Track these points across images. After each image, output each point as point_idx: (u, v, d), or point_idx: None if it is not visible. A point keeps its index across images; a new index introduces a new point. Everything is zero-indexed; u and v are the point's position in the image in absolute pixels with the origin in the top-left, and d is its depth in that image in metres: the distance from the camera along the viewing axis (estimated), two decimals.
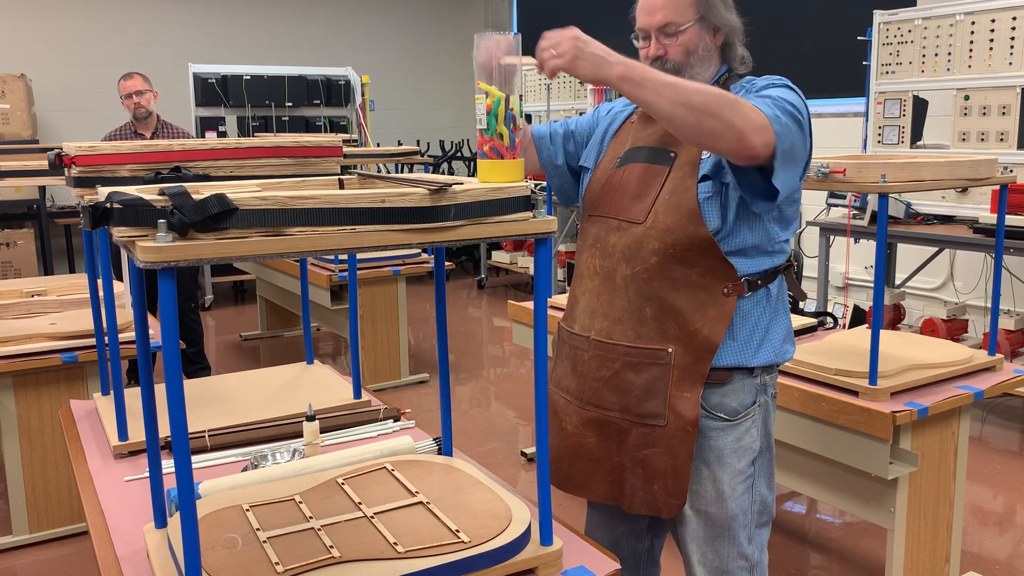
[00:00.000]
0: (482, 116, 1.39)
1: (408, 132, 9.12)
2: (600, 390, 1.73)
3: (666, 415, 1.66)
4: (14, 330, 3.05)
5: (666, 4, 1.65)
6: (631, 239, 1.67)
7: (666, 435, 1.66)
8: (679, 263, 1.63)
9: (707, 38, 1.68)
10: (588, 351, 1.74)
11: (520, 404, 4.69)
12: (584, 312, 1.77)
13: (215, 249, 1.12)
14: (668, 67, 1.65)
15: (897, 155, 3.88)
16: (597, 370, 1.73)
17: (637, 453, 1.70)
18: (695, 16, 1.66)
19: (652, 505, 1.70)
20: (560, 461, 1.82)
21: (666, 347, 1.65)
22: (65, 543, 3.14)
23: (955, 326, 4.75)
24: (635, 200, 1.69)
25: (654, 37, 1.68)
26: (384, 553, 1.33)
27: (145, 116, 4.71)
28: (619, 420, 1.71)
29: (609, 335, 1.70)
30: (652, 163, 1.69)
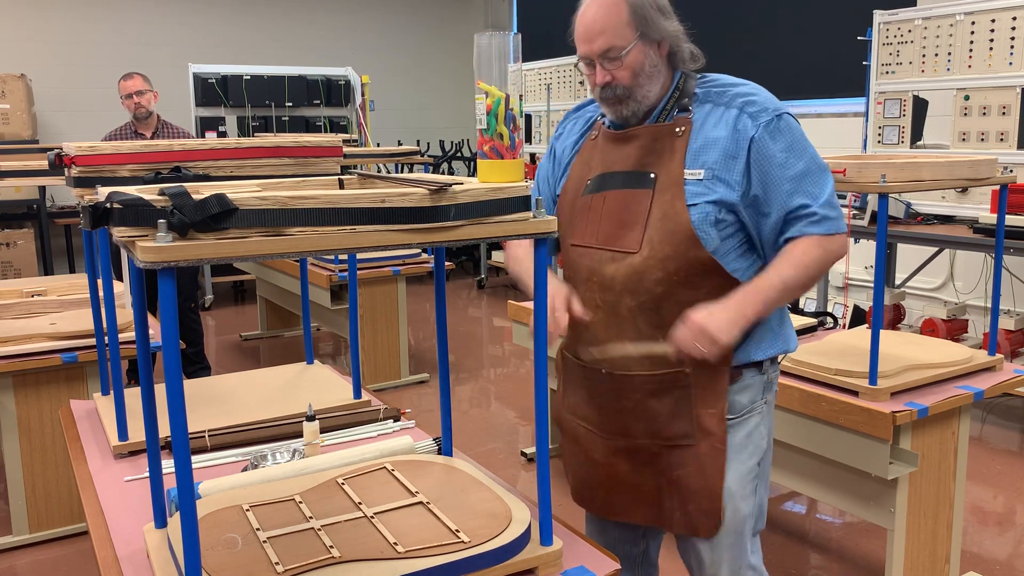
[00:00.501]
0: (482, 116, 1.39)
1: (408, 132, 9.12)
2: (624, 420, 1.71)
3: (695, 434, 1.65)
4: (14, 330, 3.05)
5: (604, 29, 1.60)
6: (630, 271, 1.64)
7: (697, 454, 1.65)
8: (685, 287, 1.61)
9: (652, 53, 1.63)
10: (604, 383, 1.72)
11: (520, 404, 4.69)
12: (591, 344, 1.73)
13: (215, 249, 1.12)
14: (619, 92, 1.63)
15: (897, 155, 3.88)
16: (618, 401, 1.71)
17: (671, 474, 1.69)
18: (635, 35, 1.60)
19: (690, 526, 1.69)
20: (595, 489, 1.82)
21: (683, 368, 1.63)
22: (65, 543, 3.14)
23: (955, 326, 4.75)
24: (623, 228, 1.66)
25: (597, 64, 1.63)
26: (384, 553, 1.33)
27: (145, 116, 4.71)
28: (648, 446, 1.70)
29: (623, 368, 1.68)
30: (633, 187, 1.66)
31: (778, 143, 1.59)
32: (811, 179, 1.59)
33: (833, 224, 1.60)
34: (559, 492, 3.50)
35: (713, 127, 1.61)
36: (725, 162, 1.59)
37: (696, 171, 1.60)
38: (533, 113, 7.72)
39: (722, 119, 1.61)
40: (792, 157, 1.59)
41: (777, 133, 1.59)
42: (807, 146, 1.62)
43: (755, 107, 1.61)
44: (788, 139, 1.60)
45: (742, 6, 6.68)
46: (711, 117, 1.62)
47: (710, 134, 1.61)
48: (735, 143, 1.59)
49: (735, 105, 1.61)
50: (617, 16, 1.58)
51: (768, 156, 1.58)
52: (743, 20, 6.66)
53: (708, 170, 1.60)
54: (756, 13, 6.54)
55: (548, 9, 8.93)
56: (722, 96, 1.64)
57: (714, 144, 1.60)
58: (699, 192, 1.60)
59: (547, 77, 7.54)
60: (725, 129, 1.60)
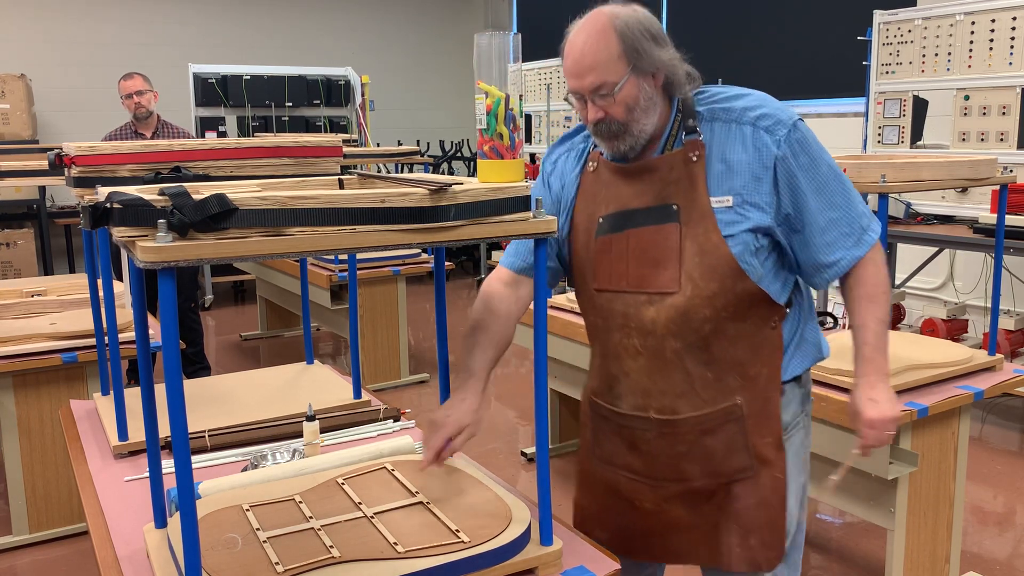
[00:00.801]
0: (482, 116, 1.39)
1: (408, 132, 9.12)
2: (678, 464, 1.61)
3: (753, 465, 1.59)
4: (14, 330, 3.05)
5: (594, 65, 1.49)
6: (673, 312, 1.54)
7: (756, 486, 1.59)
8: (732, 320, 1.54)
9: (647, 86, 1.51)
10: (651, 430, 1.62)
11: (520, 404, 4.69)
12: (633, 391, 1.63)
13: (215, 249, 1.12)
14: (613, 128, 1.53)
15: (897, 155, 3.88)
16: (670, 447, 1.61)
17: (729, 509, 1.61)
18: (627, 70, 1.48)
19: (752, 561, 1.61)
20: (647, 537, 1.71)
21: (734, 400, 1.57)
22: (65, 543, 3.14)
23: (955, 326, 4.75)
24: (656, 267, 1.55)
25: (589, 100, 1.52)
26: (384, 553, 1.33)
27: (145, 116, 4.71)
28: (706, 485, 1.62)
29: (674, 411, 1.59)
30: (658, 223, 1.55)
31: (801, 158, 1.52)
32: (833, 187, 1.55)
33: (869, 235, 1.58)
34: (559, 492, 3.50)
35: (730, 148, 1.53)
36: (752, 185, 1.52)
37: (723, 198, 1.52)
38: (533, 113, 7.72)
39: (737, 138, 1.53)
40: (815, 169, 1.53)
41: (798, 146, 1.52)
42: (823, 152, 1.56)
43: (769, 120, 1.52)
44: (809, 151, 1.53)
45: (742, 6, 6.67)
46: (723, 136, 1.54)
47: (729, 156, 1.53)
48: (759, 163, 1.51)
49: (746, 121, 1.53)
50: (607, 50, 1.48)
51: (793, 173, 1.52)
52: (743, 20, 6.66)
53: (736, 196, 1.52)
54: (756, 13, 6.54)
55: (548, 9, 8.93)
56: (729, 112, 1.55)
57: (737, 167, 1.52)
58: (732, 221, 1.52)
59: (547, 77, 7.54)
60: (744, 149, 1.52)
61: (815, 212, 1.54)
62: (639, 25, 1.49)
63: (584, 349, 3.29)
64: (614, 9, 1.51)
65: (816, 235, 1.55)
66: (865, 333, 1.60)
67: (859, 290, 1.60)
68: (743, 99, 1.56)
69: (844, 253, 1.57)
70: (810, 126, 1.61)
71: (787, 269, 1.61)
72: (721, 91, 1.59)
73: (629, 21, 1.49)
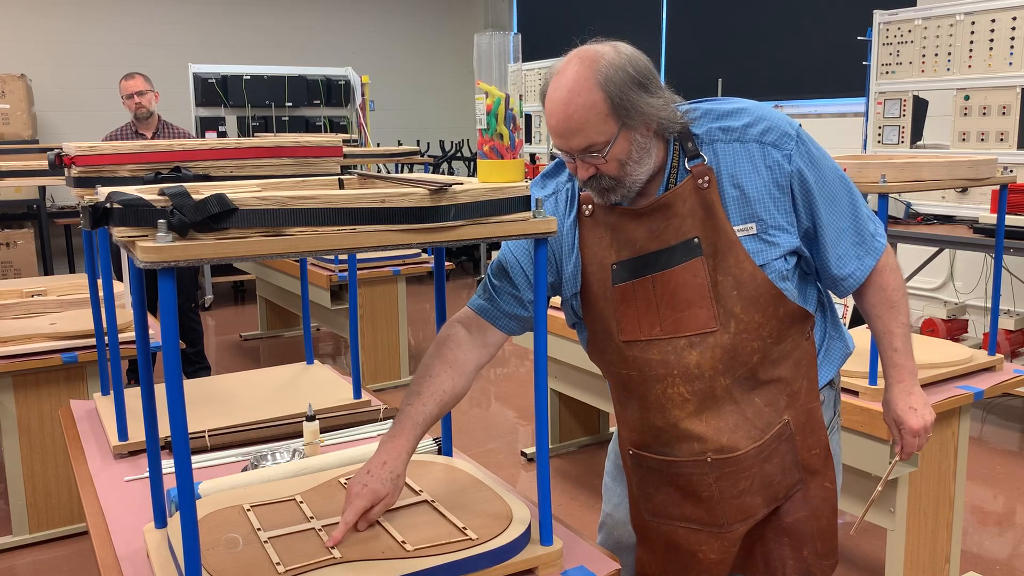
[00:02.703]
0: (482, 116, 1.39)
1: (408, 132, 9.12)
2: (744, 502, 1.54)
3: (803, 478, 1.57)
4: (14, 330, 3.05)
5: (581, 126, 1.38)
6: (720, 351, 1.47)
7: (806, 498, 1.57)
8: (776, 344, 1.51)
9: (639, 137, 1.41)
10: (712, 473, 1.52)
11: (520, 404, 4.69)
12: (684, 439, 1.53)
13: (215, 249, 1.12)
14: (604, 183, 1.44)
15: (897, 155, 3.88)
16: (732, 486, 1.53)
17: (781, 524, 1.58)
18: (617, 127, 1.38)
19: (807, 572, 1.58)
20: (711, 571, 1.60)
21: (783, 419, 1.54)
22: (65, 543, 3.14)
23: (955, 326, 4.75)
24: (689, 309, 1.48)
25: (578, 159, 1.43)
26: (388, 552, 1.33)
27: (146, 116, 4.71)
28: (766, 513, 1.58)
29: (733, 447, 1.51)
30: (682, 262, 1.47)
31: (811, 169, 1.48)
32: (840, 194, 1.53)
33: (877, 241, 1.57)
34: (559, 492, 3.50)
35: (740, 171, 1.46)
36: (772, 208, 1.46)
37: (747, 226, 1.46)
38: (533, 113, 7.72)
39: (745, 159, 1.45)
40: (823, 179, 1.50)
41: (808, 157, 1.48)
42: (825, 156, 1.53)
43: (774, 135, 1.46)
44: (815, 160, 1.50)
45: (742, 6, 6.67)
46: (730, 158, 1.46)
47: (741, 180, 1.45)
48: (774, 184, 1.46)
49: (750, 138, 1.46)
50: (594, 110, 1.36)
51: (808, 186, 1.48)
52: (743, 20, 6.66)
53: (759, 222, 1.46)
54: (756, 13, 6.54)
55: (548, 9, 8.93)
56: (729, 132, 1.47)
57: (752, 192, 1.46)
58: (761, 249, 1.46)
59: None
60: (756, 171, 1.45)
61: (826, 224, 1.51)
62: (625, 75, 1.37)
63: None
64: (596, 56, 1.37)
65: (828, 248, 1.53)
66: (892, 339, 1.60)
67: (878, 296, 1.59)
68: (740, 115, 1.48)
69: (856, 264, 1.55)
70: (810, 126, 1.61)
71: (811, 279, 1.60)
72: (712, 108, 1.50)
73: (613, 72, 1.36)
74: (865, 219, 1.56)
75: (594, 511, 3.31)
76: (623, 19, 7.83)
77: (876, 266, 1.57)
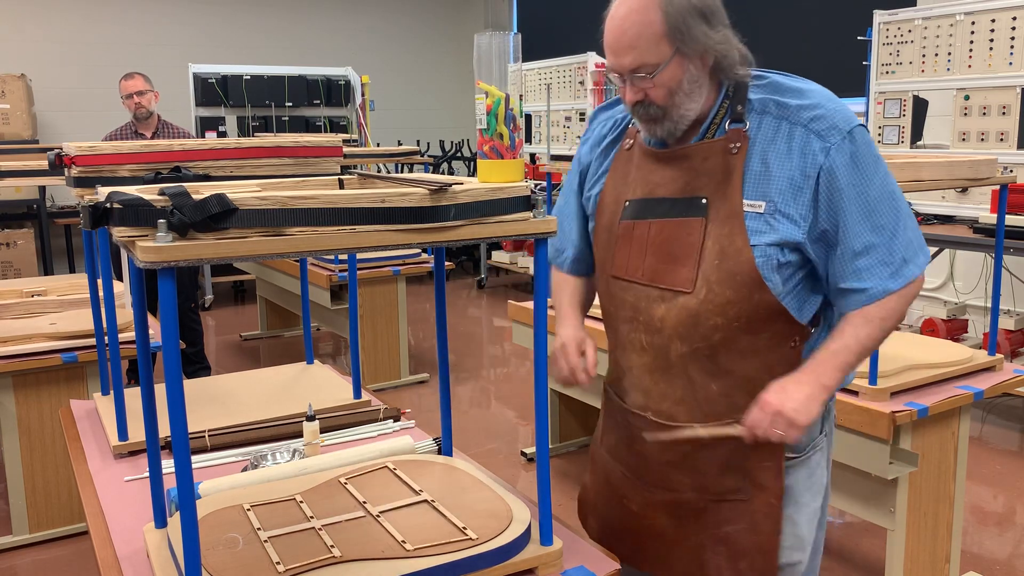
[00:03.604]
0: (482, 116, 1.39)
1: (408, 132, 9.12)
2: (668, 473, 1.53)
3: (748, 489, 1.48)
4: (14, 330, 3.05)
5: (634, 43, 1.36)
6: (684, 314, 1.44)
7: (749, 510, 1.49)
8: (745, 333, 1.43)
9: (692, 68, 1.39)
10: (650, 431, 1.53)
11: (520, 404, 4.69)
12: (635, 389, 1.55)
13: (215, 249, 1.12)
14: (652, 111, 1.42)
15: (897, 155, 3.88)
16: (661, 453, 1.52)
17: (718, 531, 1.51)
18: (671, 51, 1.36)
19: None
20: (624, 537, 1.64)
21: (738, 419, 1.44)
22: (65, 543, 3.14)
23: (955, 326, 4.75)
24: (672, 263, 1.46)
25: (627, 79, 1.41)
26: (387, 552, 1.33)
27: (146, 116, 4.71)
28: (695, 500, 1.53)
29: (671, 417, 1.49)
30: (682, 216, 1.45)
31: (850, 172, 1.37)
32: (882, 210, 1.39)
33: (910, 269, 1.41)
34: (559, 492, 3.50)
35: (774, 149, 1.40)
36: (790, 194, 1.39)
37: (757, 203, 1.40)
38: (533, 113, 7.72)
39: (785, 139, 1.40)
40: (864, 187, 1.38)
41: (849, 159, 1.37)
42: (878, 166, 1.40)
43: (823, 124, 1.38)
44: (861, 165, 1.38)
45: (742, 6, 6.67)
46: (771, 133, 1.41)
47: (771, 158, 1.40)
48: (801, 172, 1.38)
49: (799, 121, 1.39)
50: (650, 28, 1.35)
51: (838, 187, 1.37)
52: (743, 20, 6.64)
53: (770, 203, 1.39)
54: (756, 13, 6.54)
55: (548, 9, 8.93)
56: (783, 108, 1.41)
57: (776, 171, 1.39)
58: (760, 229, 1.40)
59: (547, 77, 7.53)
60: (788, 153, 1.39)
61: (853, 234, 1.38)
62: (687, 1, 1.35)
63: None
64: None
65: (848, 258, 1.40)
66: (834, 340, 1.43)
67: (863, 308, 1.42)
68: (802, 95, 1.42)
69: (876, 284, 1.40)
70: None
71: (819, 292, 1.48)
72: (782, 81, 1.46)
73: None
74: (905, 243, 1.41)
75: None
76: None
77: (893, 293, 1.41)
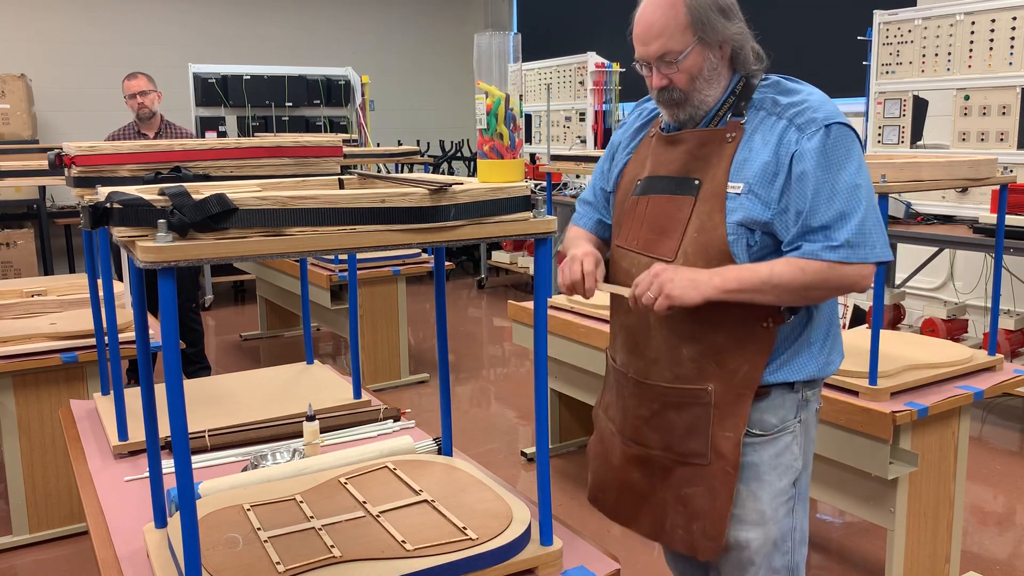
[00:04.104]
0: (482, 116, 1.39)
1: (408, 132, 9.12)
2: (641, 428, 1.69)
3: (708, 455, 1.60)
4: (14, 330, 3.05)
5: (661, 33, 1.55)
6: None
7: (708, 475, 1.61)
8: (715, 304, 1.52)
9: (712, 56, 1.57)
10: (628, 388, 1.71)
11: (520, 404, 4.69)
12: (623, 348, 1.74)
13: (215, 249, 1.12)
14: (675, 96, 1.59)
15: (897, 155, 3.88)
16: (637, 408, 1.69)
17: (680, 491, 1.65)
18: (693, 39, 1.55)
19: (690, 545, 1.64)
20: (607, 491, 1.80)
21: (706, 386, 1.59)
22: (65, 543, 3.14)
23: (955, 326, 4.75)
24: (662, 235, 1.62)
25: (654, 67, 1.59)
26: (387, 551, 1.33)
27: (149, 116, 4.71)
28: (661, 458, 1.67)
29: (646, 375, 1.66)
30: (676, 194, 1.61)
31: (818, 156, 1.49)
32: (843, 199, 1.48)
33: (854, 253, 1.48)
34: (559, 492, 3.50)
35: (761, 139, 1.54)
36: (764, 178, 1.52)
37: (737, 184, 1.54)
38: (533, 113, 7.72)
39: (770, 130, 1.54)
40: (829, 172, 1.48)
41: (819, 146, 1.49)
42: (849, 161, 1.50)
43: (803, 118, 1.52)
44: (832, 156, 1.49)
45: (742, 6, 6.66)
46: (762, 127, 1.55)
47: (755, 146, 1.54)
48: (776, 159, 1.52)
49: (785, 116, 1.54)
50: (675, 19, 1.54)
51: (804, 171, 1.49)
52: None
53: (747, 184, 1.53)
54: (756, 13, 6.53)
55: (548, 9, 8.93)
56: (777, 105, 1.56)
57: (755, 157, 1.53)
58: (734, 208, 1.54)
59: (547, 77, 7.54)
60: (767, 142, 1.53)
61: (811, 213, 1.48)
62: None
63: (584, 349, 3.29)
64: None
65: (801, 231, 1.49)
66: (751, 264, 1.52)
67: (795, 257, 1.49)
68: (794, 95, 1.57)
69: (813, 248, 1.48)
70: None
71: None
72: (781, 82, 1.62)
73: None
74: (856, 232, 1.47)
75: (594, 511, 3.31)
76: (623, 19, 7.83)
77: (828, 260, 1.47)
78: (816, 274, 1.48)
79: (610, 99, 7.04)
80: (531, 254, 7.60)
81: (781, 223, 1.53)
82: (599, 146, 7.00)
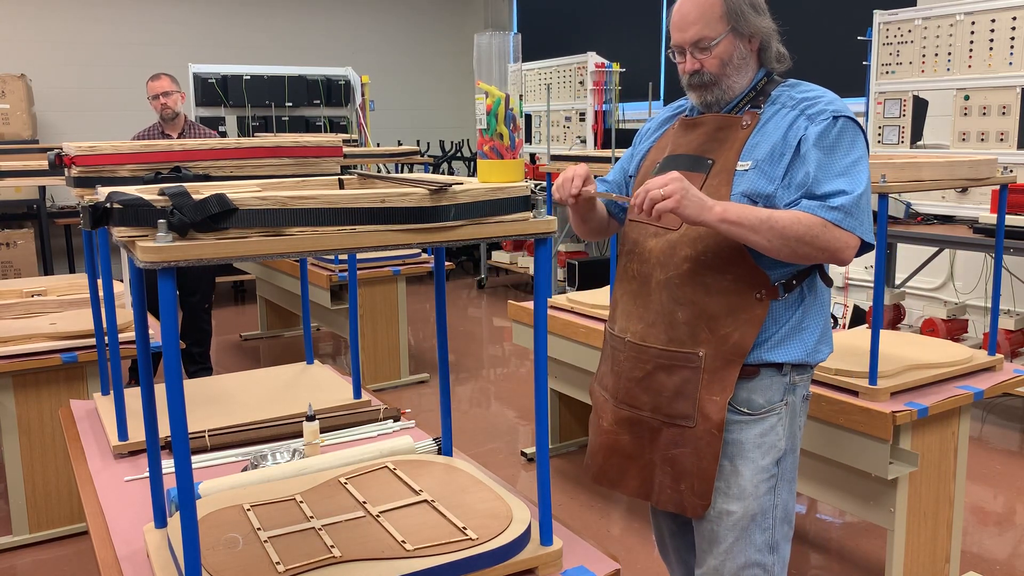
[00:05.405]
0: (482, 116, 1.39)
1: (408, 132, 9.12)
2: (633, 390, 1.78)
3: (695, 416, 1.69)
4: (14, 330, 3.05)
5: (697, 20, 1.69)
6: (666, 245, 1.71)
7: (694, 436, 1.70)
8: (711, 269, 1.67)
9: (741, 46, 1.72)
10: (624, 352, 1.80)
11: (520, 404, 4.69)
12: (622, 314, 1.82)
13: (215, 249, 1.12)
14: (705, 78, 1.71)
15: (897, 155, 3.88)
16: (631, 370, 1.78)
17: (667, 452, 1.74)
18: (726, 28, 1.69)
19: (679, 503, 1.73)
20: (595, 455, 1.88)
21: (697, 350, 1.68)
22: (65, 543, 3.14)
23: (955, 326, 4.75)
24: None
25: (688, 52, 1.72)
26: (388, 551, 1.33)
27: (172, 117, 4.72)
28: (650, 419, 1.76)
29: (643, 338, 1.76)
30: (690, 170, 1.71)
31: (823, 142, 1.63)
32: (844, 179, 1.61)
33: (847, 220, 1.60)
34: (559, 492, 3.50)
35: (773, 126, 1.68)
36: (772, 157, 1.65)
37: (745, 163, 1.67)
38: (533, 113, 7.72)
39: (781, 119, 1.68)
40: (832, 157, 1.62)
41: (824, 131, 1.63)
42: (853, 149, 1.64)
43: (814, 108, 1.66)
44: (837, 141, 1.63)
45: None
46: (776, 117, 1.69)
47: (768, 132, 1.67)
48: (784, 141, 1.65)
49: (798, 108, 1.68)
50: (711, 9, 1.68)
51: (808, 151, 1.62)
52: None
53: (754, 162, 1.66)
54: None
55: (548, 9, 8.93)
56: (792, 100, 1.70)
57: (765, 141, 1.66)
58: (739, 181, 1.66)
59: (547, 77, 7.53)
60: (778, 128, 1.67)
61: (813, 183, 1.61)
62: None
63: (584, 349, 3.29)
64: None
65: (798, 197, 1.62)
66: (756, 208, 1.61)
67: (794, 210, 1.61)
68: (810, 92, 1.71)
69: (811, 206, 1.59)
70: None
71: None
72: (800, 83, 1.76)
73: None
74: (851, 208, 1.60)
75: (594, 511, 3.32)
76: (623, 19, 7.83)
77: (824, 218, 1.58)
78: (810, 228, 1.58)
79: (610, 99, 7.03)
80: (531, 254, 7.59)
81: (782, 195, 1.64)
82: (599, 146, 7.00)
